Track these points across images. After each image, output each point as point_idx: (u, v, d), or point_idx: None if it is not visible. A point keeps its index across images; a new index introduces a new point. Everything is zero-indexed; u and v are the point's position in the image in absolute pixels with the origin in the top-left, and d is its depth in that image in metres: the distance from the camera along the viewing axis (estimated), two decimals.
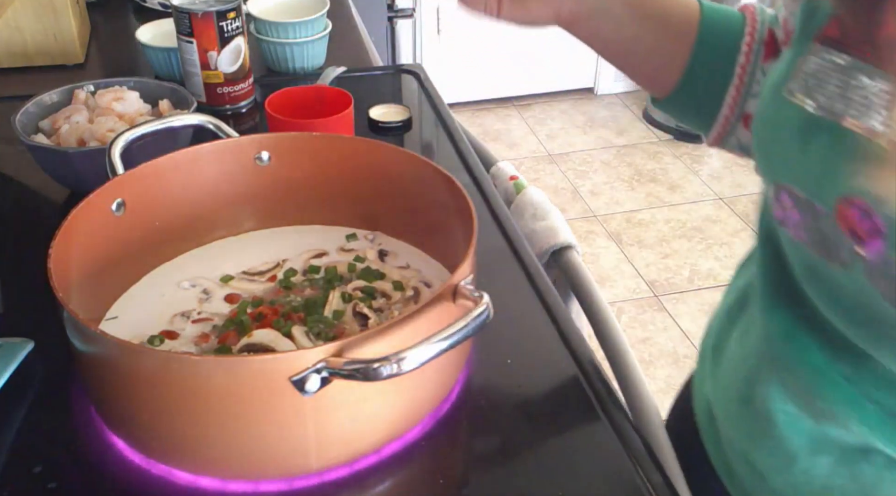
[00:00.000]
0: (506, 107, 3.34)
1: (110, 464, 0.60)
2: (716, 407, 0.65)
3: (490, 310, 0.54)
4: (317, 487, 0.58)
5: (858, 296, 0.46)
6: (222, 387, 0.53)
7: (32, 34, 1.21)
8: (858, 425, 0.50)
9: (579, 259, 0.91)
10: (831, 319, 0.50)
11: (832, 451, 0.53)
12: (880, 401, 0.49)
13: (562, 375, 0.69)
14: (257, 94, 1.15)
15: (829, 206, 0.45)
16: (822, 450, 0.53)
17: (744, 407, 0.59)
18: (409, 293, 0.73)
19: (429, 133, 1.08)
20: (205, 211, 0.79)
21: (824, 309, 0.50)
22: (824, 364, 0.51)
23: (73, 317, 0.55)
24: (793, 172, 0.49)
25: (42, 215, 0.92)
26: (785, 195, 0.49)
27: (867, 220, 0.43)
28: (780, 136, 0.49)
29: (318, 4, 1.21)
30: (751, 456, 0.59)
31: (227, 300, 0.73)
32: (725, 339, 0.65)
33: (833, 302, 0.49)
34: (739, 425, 0.60)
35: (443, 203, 0.72)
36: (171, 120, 0.79)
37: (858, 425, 0.50)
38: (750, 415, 0.58)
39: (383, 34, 2.24)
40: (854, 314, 0.48)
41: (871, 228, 0.43)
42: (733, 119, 0.67)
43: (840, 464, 0.53)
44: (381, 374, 0.50)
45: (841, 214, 0.45)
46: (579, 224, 2.65)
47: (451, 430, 0.63)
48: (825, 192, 0.46)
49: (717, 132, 0.68)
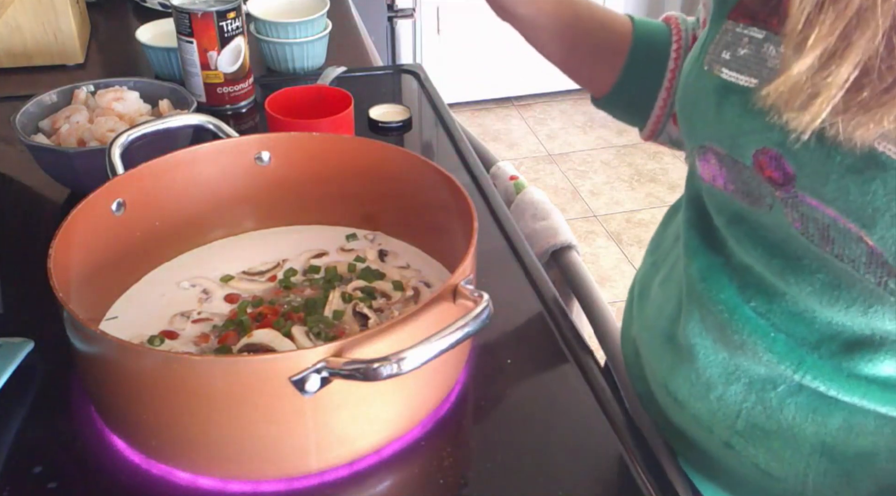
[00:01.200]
0: (506, 107, 3.33)
1: (110, 464, 0.60)
2: (640, 344, 0.70)
3: (490, 310, 0.54)
4: (317, 487, 0.58)
5: (779, 236, 0.53)
6: (222, 387, 0.53)
7: (32, 34, 1.21)
8: (768, 354, 0.56)
9: (579, 259, 0.91)
10: (751, 260, 0.56)
11: (743, 380, 0.59)
12: (788, 331, 0.55)
13: (561, 376, 0.69)
14: (257, 94, 1.15)
15: (748, 159, 0.53)
16: (735, 379, 0.59)
17: (666, 343, 0.65)
18: (409, 293, 0.73)
19: (429, 133, 1.08)
20: (205, 211, 0.79)
21: (745, 251, 0.57)
22: (739, 301, 0.57)
23: (73, 317, 0.55)
24: (713, 133, 0.56)
25: (42, 215, 0.92)
26: (710, 154, 0.56)
27: (779, 167, 0.50)
28: (700, 102, 0.56)
29: (318, 4, 1.21)
30: (671, 386, 0.64)
31: (227, 300, 0.73)
32: (649, 285, 0.71)
33: (755, 242, 0.56)
34: (662, 359, 0.66)
35: (443, 203, 0.72)
36: (170, 120, 0.79)
37: (768, 354, 0.56)
38: (672, 349, 0.64)
39: (383, 34, 2.25)
40: (774, 251, 0.54)
41: (783, 173, 0.50)
42: (664, 117, 0.77)
43: (749, 391, 0.58)
44: (381, 374, 0.50)
45: (758, 165, 0.52)
46: (579, 224, 2.65)
47: (451, 430, 0.63)
48: (743, 148, 0.53)
49: (650, 129, 0.79)
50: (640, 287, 0.74)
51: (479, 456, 0.61)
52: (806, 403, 0.56)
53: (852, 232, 0.47)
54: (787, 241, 0.53)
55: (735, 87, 0.53)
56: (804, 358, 0.55)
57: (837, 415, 0.55)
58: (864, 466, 0.55)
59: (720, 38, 0.55)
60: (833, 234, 0.49)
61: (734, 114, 0.53)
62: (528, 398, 0.66)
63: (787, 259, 0.54)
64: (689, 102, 0.58)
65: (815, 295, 0.53)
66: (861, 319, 0.51)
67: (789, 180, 0.50)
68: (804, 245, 0.51)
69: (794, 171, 0.49)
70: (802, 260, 0.53)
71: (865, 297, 0.50)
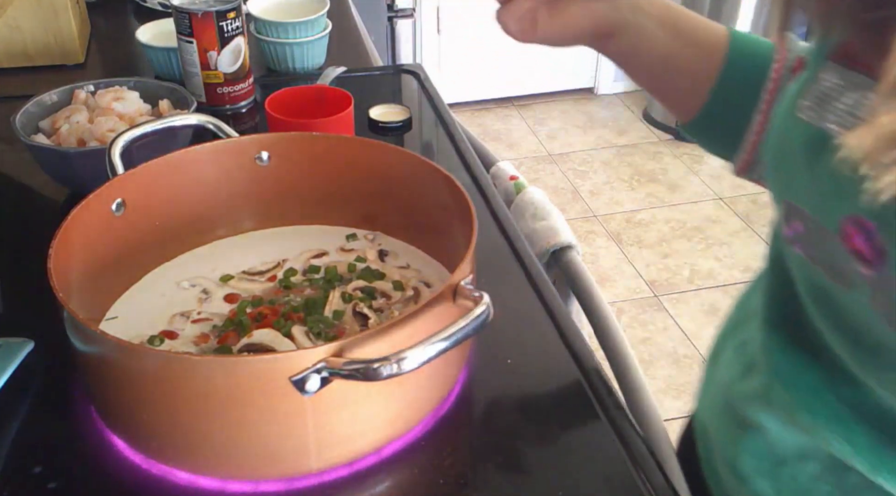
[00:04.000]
0: (506, 107, 3.33)
1: (110, 464, 0.60)
2: (706, 415, 0.65)
3: (490, 310, 0.54)
4: (317, 487, 0.58)
5: (861, 318, 0.46)
6: (222, 387, 0.53)
7: (32, 34, 1.21)
8: (842, 443, 0.50)
9: (579, 259, 0.91)
10: (832, 342, 0.50)
11: (820, 456, 0.53)
12: (873, 423, 0.49)
13: (562, 375, 0.69)
14: (257, 94, 1.15)
15: (834, 225, 0.45)
16: (812, 456, 0.54)
17: (732, 417, 0.60)
18: (409, 293, 0.73)
19: (429, 133, 1.08)
20: (205, 211, 0.79)
21: (827, 331, 0.50)
22: (823, 386, 0.51)
23: (73, 317, 0.55)
24: (800, 191, 0.49)
25: (42, 215, 0.92)
26: (794, 214, 0.49)
27: (870, 241, 0.43)
28: (790, 153, 0.49)
29: (318, 4, 1.21)
30: (733, 458, 0.59)
31: (227, 300, 0.73)
32: (723, 348, 0.65)
33: (837, 324, 0.49)
34: (727, 427, 0.61)
35: (443, 203, 0.72)
36: (171, 120, 0.79)
37: (842, 443, 0.50)
38: (738, 420, 0.59)
39: (383, 34, 2.25)
40: (856, 337, 0.48)
41: (873, 248, 0.43)
42: (760, 145, 0.65)
43: (827, 471, 0.53)
44: (381, 374, 0.50)
45: (845, 234, 0.44)
46: (579, 224, 2.65)
47: (451, 430, 0.63)
48: (831, 212, 0.45)
49: (744, 159, 0.67)
50: (712, 351, 0.68)
51: (479, 456, 0.61)
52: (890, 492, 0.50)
53: None
54: (870, 327, 0.46)
55: (831, 141, 0.45)
56: (884, 457, 0.49)
57: None
58: None
59: (818, 82, 0.48)
60: None
61: (827, 172, 0.45)
62: (529, 398, 0.66)
63: (870, 350, 0.47)
64: (778, 152, 0.51)
65: None
66: None
67: (881, 258, 0.43)
68: (889, 335, 0.44)
69: (888, 247, 0.42)
70: (885, 352, 0.46)
71: None
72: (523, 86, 3.33)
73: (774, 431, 0.55)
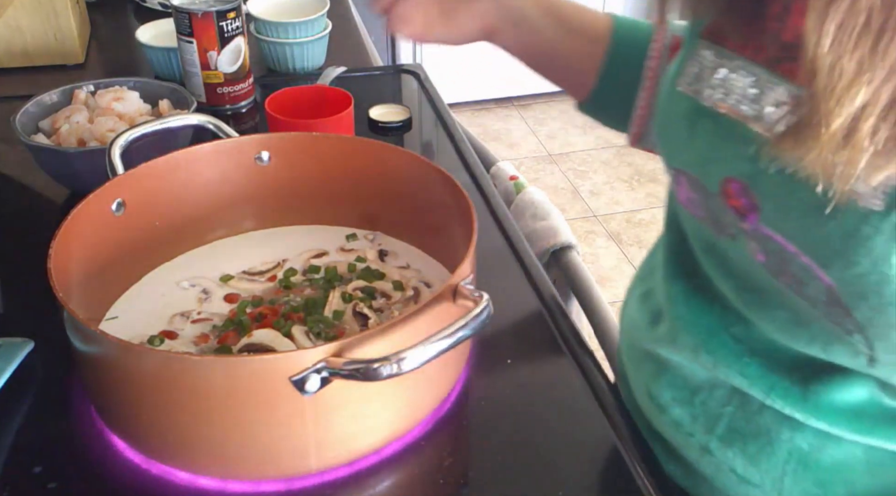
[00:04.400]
0: (506, 107, 3.34)
1: (110, 464, 0.60)
2: (625, 357, 0.70)
3: (490, 310, 0.54)
4: (317, 487, 0.58)
5: (744, 266, 0.53)
6: (222, 387, 0.53)
7: (32, 34, 1.21)
8: (739, 377, 0.56)
9: (579, 259, 0.91)
10: (723, 288, 0.56)
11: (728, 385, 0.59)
12: (762, 356, 0.55)
13: (561, 375, 0.69)
14: (257, 94, 1.15)
15: (715, 186, 0.51)
16: (720, 384, 0.59)
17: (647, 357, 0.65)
18: (409, 293, 0.73)
19: (429, 133, 1.08)
20: (205, 211, 0.79)
21: (718, 279, 0.56)
22: (719, 327, 0.57)
23: (73, 317, 0.55)
24: (685, 157, 0.54)
25: (42, 215, 0.92)
26: (682, 178, 0.55)
27: (745, 197, 0.49)
28: (673, 124, 0.55)
29: (318, 4, 1.21)
30: (654, 390, 0.64)
31: (227, 300, 0.73)
32: (630, 299, 0.71)
33: (725, 272, 0.55)
34: (643, 365, 0.66)
35: (443, 203, 0.72)
36: (170, 120, 0.79)
37: (739, 377, 0.56)
38: (653, 359, 0.64)
39: (383, 34, 2.24)
40: (741, 283, 0.54)
41: (748, 204, 0.49)
42: (648, 118, 0.73)
43: (733, 394, 0.58)
44: (381, 374, 0.50)
45: (725, 193, 0.50)
46: (579, 224, 2.65)
47: (451, 430, 0.63)
48: (711, 174, 0.52)
49: (634, 132, 0.76)
50: (626, 297, 0.73)
51: (479, 456, 0.61)
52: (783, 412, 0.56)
53: (811, 269, 0.46)
54: (752, 273, 0.52)
55: (707, 112, 0.52)
56: (774, 384, 0.54)
57: (811, 427, 0.54)
58: (840, 477, 0.54)
59: (693, 59, 0.54)
60: (794, 270, 0.48)
61: (705, 139, 0.52)
62: (528, 398, 0.66)
63: (753, 292, 0.53)
64: (664, 124, 0.57)
65: (778, 331, 0.53)
66: (822, 355, 0.51)
67: (754, 211, 0.49)
68: (767, 279, 0.50)
69: (760, 202, 0.48)
70: (766, 294, 0.52)
71: (824, 336, 0.49)
72: (523, 86, 3.33)
73: (685, 367, 0.61)
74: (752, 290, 0.53)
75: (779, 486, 0.56)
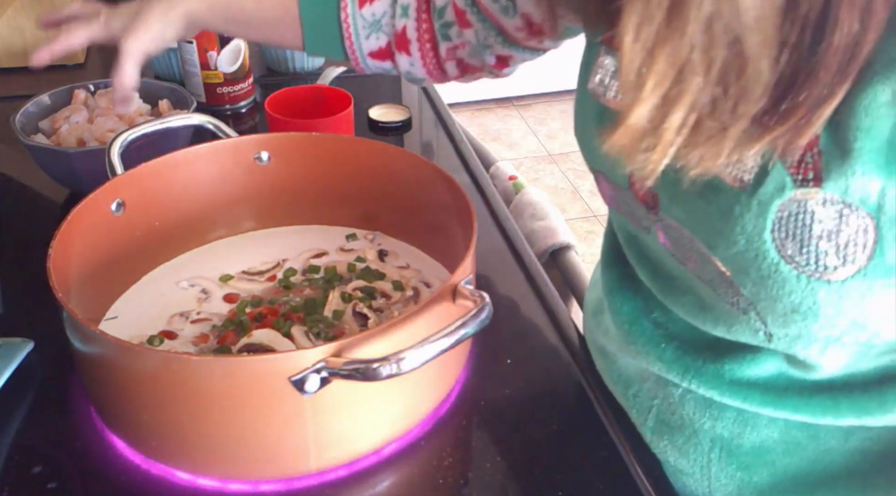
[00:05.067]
0: (506, 107, 3.34)
1: (110, 464, 0.60)
2: (591, 346, 0.72)
3: (490, 310, 0.54)
4: (316, 487, 0.58)
5: (657, 255, 0.56)
6: (222, 387, 0.53)
7: (32, 34, 1.21)
8: (658, 362, 0.58)
9: (578, 259, 0.91)
10: (642, 276, 0.59)
11: (653, 377, 0.61)
12: (679, 340, 0.58)
13: (561, 375, 0.69)
14: (257, 94, 1.15)
15: (625, 183, 0.54)
16: (647, 377, 0.62)
17: (595, 347, 0.69)
18: (409, 293, 0.73)
19: (429, 133, 1.08)
20: (205, 211, 0.79)
21: (638, 267, 0.59)
22: (641, 313, 0.60)
23: (73, 317, 0.55)
24: (599, 158, 0.57)
25: (42, 215, 0.92)
26: (600, 177, 0.58)
27: (649, 191, 0.52)
28: (587, 127, 0.57)
29: None
30: (608, 383, 0.67)
31: (227, 300, 0.73)
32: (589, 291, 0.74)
33: (643, 261, 0.58)
34: (596, 355, 0.69)
35: (443, 203, 0.72)
36: (170, 120, 0.79)
37: (658, 362, 0.58)
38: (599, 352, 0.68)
39: None
40: (656, 271, 0.57)
41: (652, 196, 0.52)
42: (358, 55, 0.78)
43: (658, 387, 0.61)
44: (381, 374, 0.50)
45: (633, 188, 0.53)
46: (579, 224, 2.65)
47: (451, 430, 0.63)
48: (620, 173, 0.54)
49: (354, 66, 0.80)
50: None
51: (479, 456, 0.61)
52: (702, 399, 0.58)
53: (704, 252, 0.49)
54: (663, 261, 0.55)
55: (610, 113, 0.54)
56: (689, 366, 0.57)
57: (729, 412, 0.57)
58: (761, 459, 0.57)
59: (596, 62, 0.55)
60: (693, 254, 0.50)
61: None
62: (528, 398, 0.66)
63: (665, 279, 0.56)
64: (580, 127, 0.59)
65: (688, 315, 0.55)
66: (728, 336, 0.53)
67: (657, 202, 0.51)
68: (676, 266, 0.53)
69: (659, 193, 0.51)
70: (676, 280, 0.55)
71: (726, 318, 0.51)
72: (523, 86, 3.33)
73: (620, 359, 0.64)
74: (665, 278, 0.56)
75: (707, 473, 0.59)
